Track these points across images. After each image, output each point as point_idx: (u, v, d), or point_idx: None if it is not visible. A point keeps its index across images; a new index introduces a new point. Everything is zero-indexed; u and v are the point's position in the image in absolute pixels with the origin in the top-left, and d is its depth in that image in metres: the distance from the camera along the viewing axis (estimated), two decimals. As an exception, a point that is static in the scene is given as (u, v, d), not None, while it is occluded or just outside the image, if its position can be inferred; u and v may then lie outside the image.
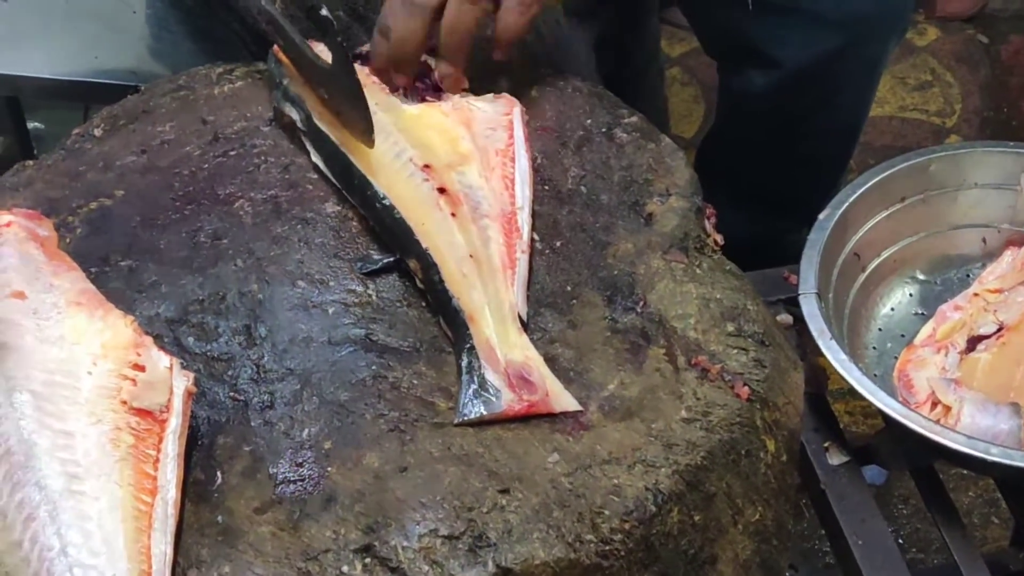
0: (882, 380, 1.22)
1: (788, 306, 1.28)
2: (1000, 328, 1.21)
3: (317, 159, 1.17)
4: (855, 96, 1.73)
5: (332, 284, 1.07)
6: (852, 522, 1.14)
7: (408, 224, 1.07)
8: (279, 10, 1.23)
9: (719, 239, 1.15)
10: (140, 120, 1.25)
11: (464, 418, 0.97)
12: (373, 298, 1.06)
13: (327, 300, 1.06)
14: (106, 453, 0.89)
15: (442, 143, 1.16)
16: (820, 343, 1.15)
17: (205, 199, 1.15)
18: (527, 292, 1.06)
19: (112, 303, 0.99)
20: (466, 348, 1.00)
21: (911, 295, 1.33)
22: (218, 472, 0.94)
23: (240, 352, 1.02)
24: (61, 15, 1.77)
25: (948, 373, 1.18)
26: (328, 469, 0.94)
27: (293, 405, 0.98)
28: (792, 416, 1.05)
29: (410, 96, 1.22)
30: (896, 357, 1.24)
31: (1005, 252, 1.29)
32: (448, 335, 1.03)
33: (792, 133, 1.73)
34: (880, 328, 1.30)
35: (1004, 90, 2.65)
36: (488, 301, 1.02)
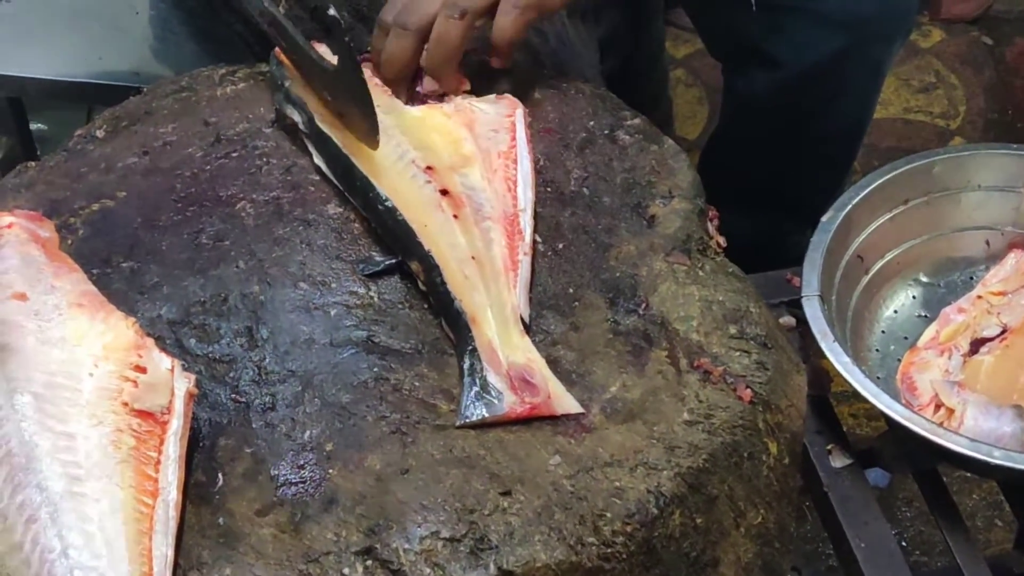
0: (885, 383, 1.22)
1: (791, 308, 1.27)
2: (1004, 331, 1.20)
3: (319, 161, 1.17)
4: (859, 97, 1.73)
5: (334, 286, 1.07)
6: (855, 525, 1.13)
7: (410, 226, 1.07)
8: (282, 12, 1.23)
9: (722, 241, 1.14)
10: (142, 121, 1.25)
11: (466, 420, 0.96)
12: (375, 300, 1.06)
13: (329, 302, 1.05)
14: (107, 455, 0.89)
15: (444, 145, 1.16)
16: (823, 345, 1.15)
17: (207, 201, 1.15)
18: (529, 294, 1.06)
19: (114, 305, 0.99)
20: (468, 350, 1.00)
21: (914, 297, 1.32)
22: (219, 474, 0.94)
23: (242, 354, 1.02)
24: (64, 16, 1.78)
25: (951, 376, 1.18)
26: (329, 471, 0.93)
27: (295, 407, 0.98)
28: (794, 419, 1.04)
29: (412, 99, 1.22)
30: (899, 360, 1.24)
31: (1009, 255, 1.28)
32: (450, 337, 1.03)
33: (796, 134, 1.73)
34: (883, 330, 1.30)
35: (1009, 92, 2.65)
36: (490, 303, 1.02)
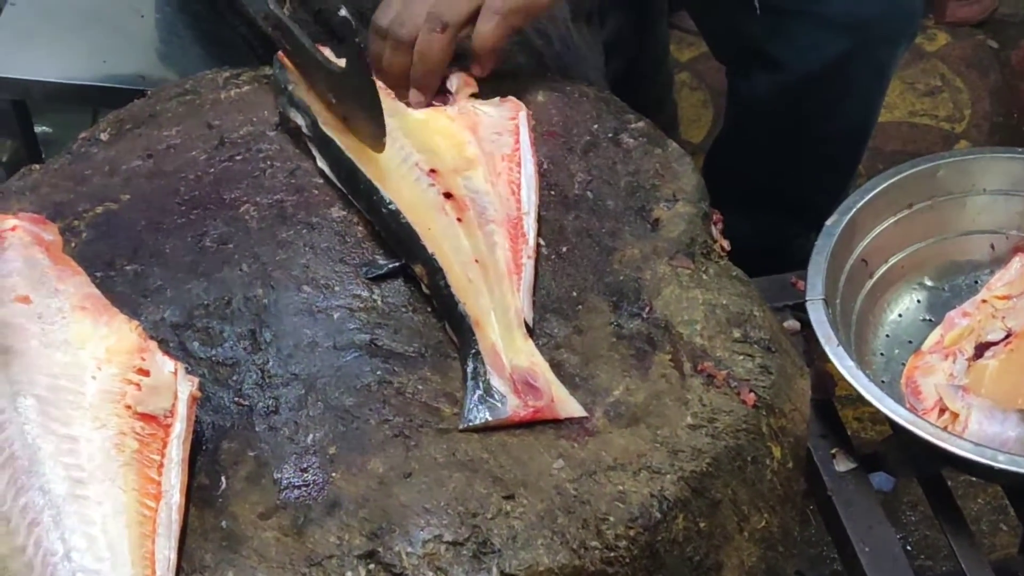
0: (889, 387, 1.22)
1: (795, 312, 1.27)
2: (1008, 335, 1.20)
3: (323, 164, 1.17)
4: (864, 101, 1.73)
5: (337, 289, 1.07)
6: (859, 529, 1.13)
7: (414, 229, 1.07)
8: (287, 14, 1.22)
9: (726, 245, 1.14)
10: (146, 124, 1.25)
11: (469, 424, 0.96)
12: (378, 303, 1.06)
13: (332, 305, 1.05)
14: (110, 458, 0.89)
15: (448, 148, 1.16)
16: (827, 349, 1.15)
17: (211, 203, 1.15)
18: (533, 298, 1.06)
19: (117, 307, 1.00)
20: (471, 353, 1.00)
21: (919, 301, 1.32)
22: (222, 477, 0.94)
23: (245, 357, 1.02)
24: (69, 19, 1.78)
25: (956, 380, 1.18)
26: (332, 474, 0.93)
27: (298, 410, 0.98)
28: (798, 423, 1.04)
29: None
30: (904, 363, 1.23)
31: (1013, 258, 1.28)
32: (453, 340, 1.03)
33: (800, 138, 1.72)
34: (888, 334, 1.30)
35: (1014, 95, 2.64)
36: (494, 307, 1.02)
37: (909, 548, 1.86)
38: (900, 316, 1.31)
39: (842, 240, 1.24)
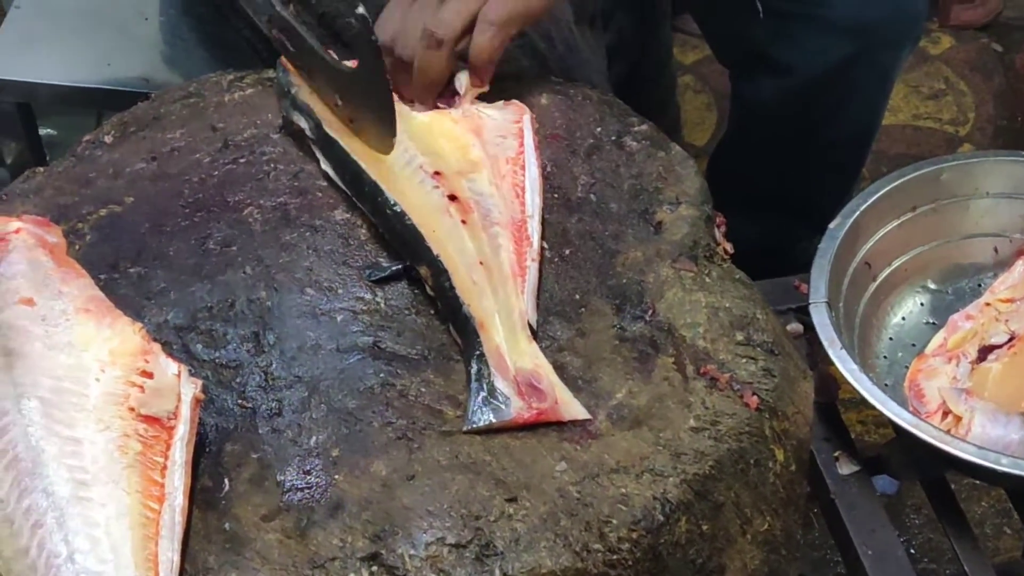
0: (893, 390, 1.21)
1: (799, 315, 1.27)
2: (1012, 338, 1.20)
3: (326, 167, 1.17)
4: (868, 104, 1.73)
5: (341, 292, 1.07)
6: (862, 532, 1.13)
7: (419, 231, 1.07)
8: (292, 14, 1.22)
9: (729, 248, 1.14)
10: (150, 127, 1.25)
11: (473, 425, 0.96)
12: (381, 306, 1.06)
13: (335, 307, 1.05)
14: (114, 460, 0.89)
15: (452, 150, 1.16)
16: (830, 352, 1.14)
17: (214, 206, 1.15)
18: (537, 300, 1.06)
19: (121, 310, 0.99)
20: (476, 355, 1.00)
21: (922, 304, 1.32)
22: (225, 479, 0.94)
23: (248, 359, 1.02)
24: (73, 22, 1.78)
25: (959, 383, 1.17)
26: (335, 477, 0.93)
27: (301, 412, 0.98)
28: (801, 425, 1.04)
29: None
30: (907, 367, 1.23)
31: (1017, 262, 1.28)
32: (457, 342, 1.03)
33: (804, 141, 1.72)
34: (891, 337, 1.30)
35: (1018, 99, 2.64)
36: (498, 309, 1.02)
37: (912, 551, 1.86)
38: (903, 319, 1.31)
39: (845, 243, 1.24)
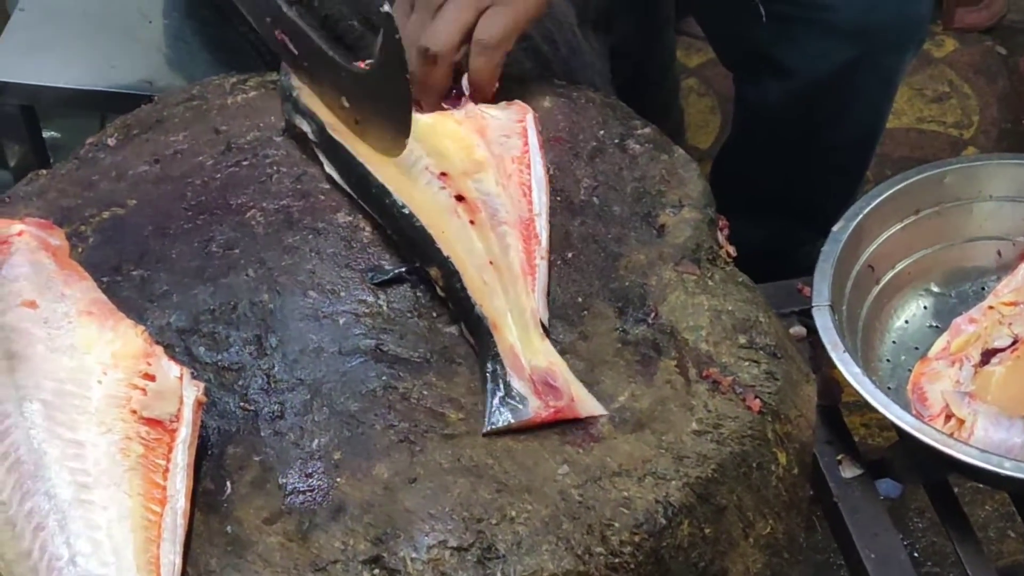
0: (896, 393, 1.21)
1: (802, 318, 1.27)
2: (1015, 341, 1.20)
3: (331, 170, 1.17)
4: (871, 107, 1.73)
5: (343, 294, 1.07)
6: (865, 536, 1.13)
7: (428, 232, 1.07)
8: (297, 12, 1.22)
9: (732, 251, 1.14)
10: (153, 130, 1.25)
11: (492, 427, 0.96)
12: (384, 309, 1.06)
13: (338, 310, 1.05)
14: (116, 463, 0.89)
15: (457, 151, 1.15)
16: (833, 356, 1.14)
17: (217, 209, 1.15)
18: (547, 298, 1.05)
19: (123, 312, 1.00)
20: (491, 356, 1.00)
21: (925, 308, 1.32)
22: (227, 482, 0.94)
23: (251, 362, 1.02)
24: (77, 25, 1.79)
25: (962, 386, 1.17)
26: (337, 480, 0.93)
27: (303, 415, 0.98)
28: (804, 429, 1.04)
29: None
30: (910, 370, 1.23)
31: (1020, 265, 1.27)
32: (470, 342, 1.03)
33: (808, 144, 1.72)
34: (894, 341, 1.30)
35: (1022, 102, 2.64)
36: (510, 308, 1.02)
37: (916, 555, 1.86)
38: (906, 322, 1.31)
39: (848, 246, 1.23)
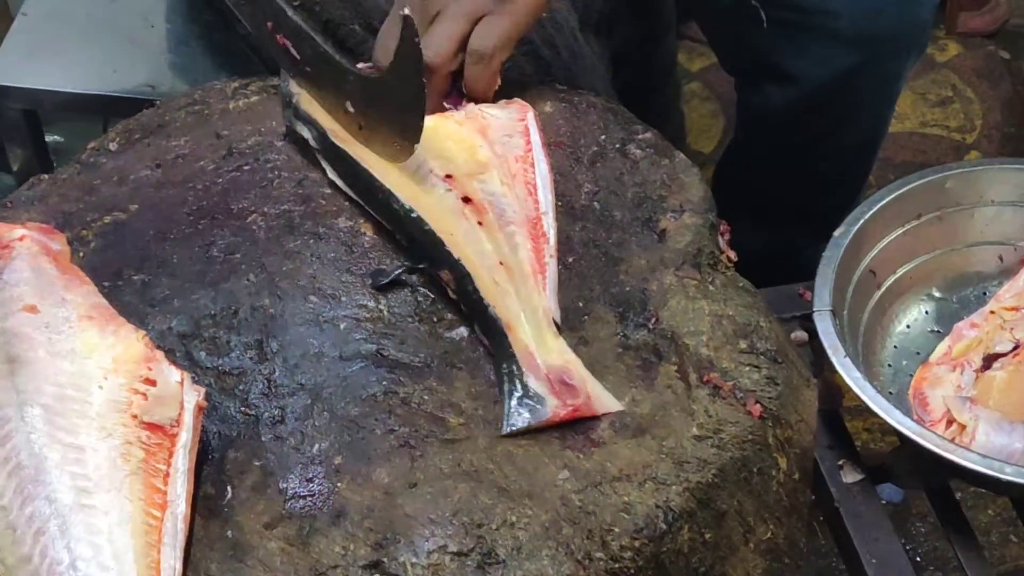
0: (897, 398, 1.21)
1: (803, 323, 1.27)
2: (1016, 346, 1.20)
3: (334, 176, 1.17)
4: (873, 113, 1.73)
5: (344, 299, 1.07)
6: (866, 541, 1.13)
7: (438, 236, 1.07)
8: (300, 15, 1.22)
9: (732, 255, 1.14)
10: (155, 135, 1.25)
11: (512, 428, 0.96)
12: (384, 313, 1.06)
13: (339, 315, 1.05)
14: (116, 467, 0.89)
15: (460, 152, 1.15)
16: (834, 361, 1.14)
17: (219, 213, 1.15)
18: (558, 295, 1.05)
19: (124, 317, 0.99)
20: (506, 356, 1.00)
21: (927, 313, 1.32)
22: (228, 487, 0.94)
23: (251, 367, 1.02)
24: (80, 29, 1.79)
25: (964, 391, 1.17)
26: (338, 484, 0.93)
27: (304, 420, 0.98)
28: (804, 434, 1.04)
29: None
30: (911, 375, 1.23)
31: (1022, 270, 1.28)
32: (485, 344, 1.03)
33: (810, 149, 1.72)
34: (895, 346, 1.30)
35: (1025, 106, 2.64)
36: (523, 308, 1.02)
37: (919, 559, 1.86)
38: (908, 327, 1.31)
39: (850, 251, 1.24)
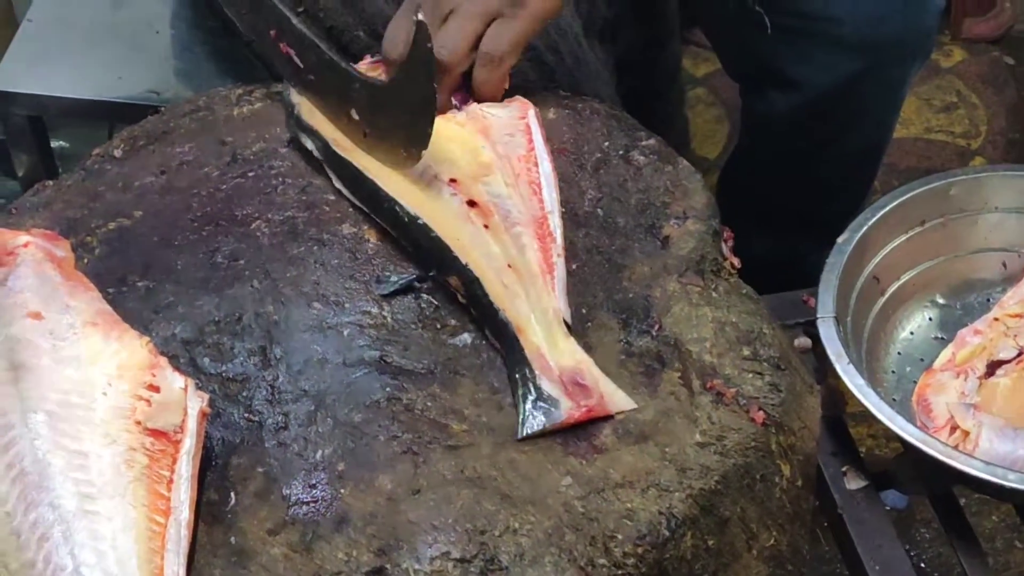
0: (901, 405, 1.21)
1: (807, 329, 1.27)
2: (1020, 353, 1.20)
3: (339, 185, 1.17)
4: (878, 119, 1.73)
5: (347, 305, 1.07)
6: (869, 547, 1.13)
7: (444, 242, 1.07)
8: (304, 21, 1.22)
9: (736, 262, 1.14)
10: (160, 141, 1.25)
11: (528, 432, 0.96)
12: (388, 320, 1.06)
13: (342, 322, 1.06)
14: (120, 473, 0.90)
15: (463, 155, 1.15)
16: (838, 367, 1.14)
17: (223, 220, 1.15)
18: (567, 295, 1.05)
19: (128, 323, 1.00)
20: (518, 359, 1.00)
21: (930, 319, 1.32)
22: (231, 493, 0.94)
23: (255, 373, 1.02)
24: (85, 36, 1.79)
25: (967, 398, 1.17)
26: (341, 491, 0.94)
27: (307, 426, 0.98)
28: (808, 440, 1.04)
29: None
30: (915, 381, 1.22)
31: (1026, 276, 1.28)
32: (496, 347, 1.03)
33: (814, 155, 1.72)
34: (899, 352, 1.30)
35: (1030, 111, 2.64)
36: (532, 310, 1.02)
37: (923, 565, 1.85)
38: (912, 334, 1.31)
39: (854, 257, 1.23)
